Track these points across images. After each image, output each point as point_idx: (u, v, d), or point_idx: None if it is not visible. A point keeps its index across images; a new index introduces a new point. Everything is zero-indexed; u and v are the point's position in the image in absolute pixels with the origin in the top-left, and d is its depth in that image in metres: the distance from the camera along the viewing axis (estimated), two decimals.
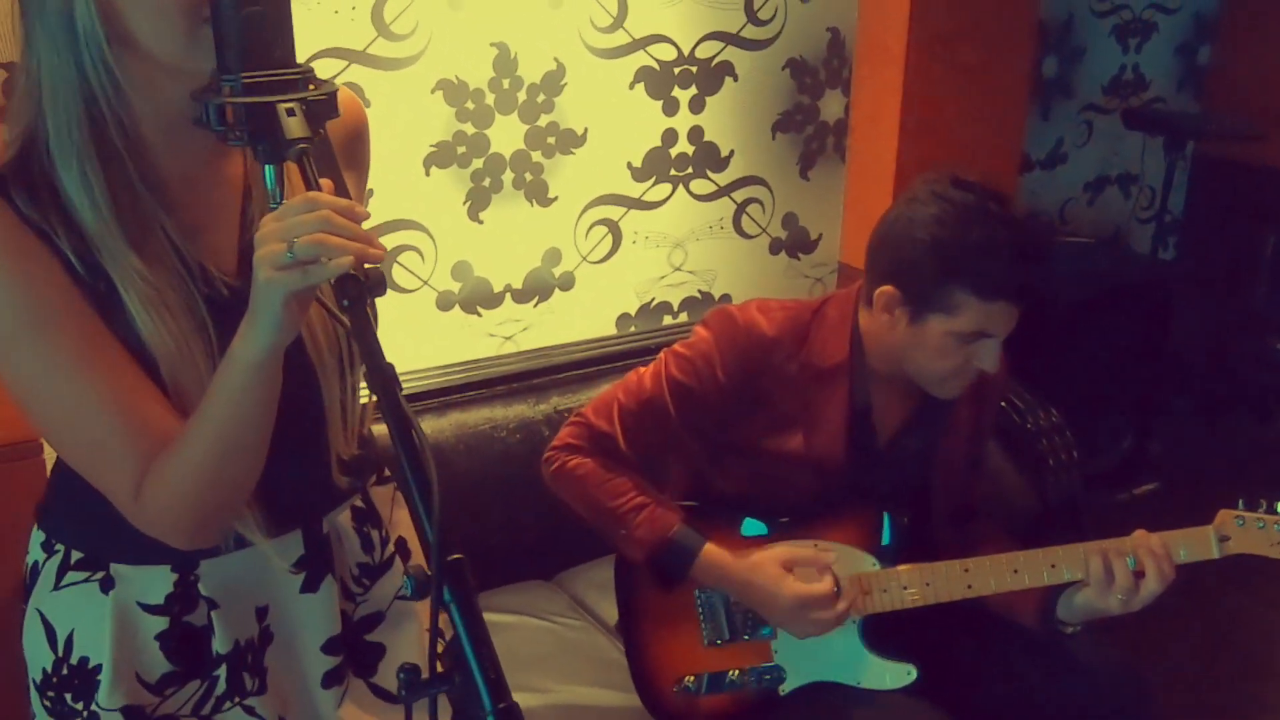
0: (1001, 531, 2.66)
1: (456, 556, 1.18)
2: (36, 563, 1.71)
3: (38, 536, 1.73)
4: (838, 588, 2.39)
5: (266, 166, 1.38)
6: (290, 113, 1.35)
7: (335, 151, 1.70)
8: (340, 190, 1.48)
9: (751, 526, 2.51)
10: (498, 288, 3.30)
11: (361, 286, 1.28)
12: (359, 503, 1.81)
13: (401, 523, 1.89)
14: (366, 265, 1.30)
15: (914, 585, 2.42)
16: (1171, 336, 4.63)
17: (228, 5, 1.33)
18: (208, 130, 1.37)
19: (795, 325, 2.47)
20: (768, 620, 2.44)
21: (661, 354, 2.52)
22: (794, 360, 2.45)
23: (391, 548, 1.87)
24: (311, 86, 1.40)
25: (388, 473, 1.90)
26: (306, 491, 1.71)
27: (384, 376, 1.26)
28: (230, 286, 1.56)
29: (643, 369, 2.53)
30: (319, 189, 1.34)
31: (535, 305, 3.36)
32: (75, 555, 1.67)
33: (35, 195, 1.45)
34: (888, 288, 2.35)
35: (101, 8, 1.40)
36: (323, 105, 1.40)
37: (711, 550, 2.41)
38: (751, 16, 3.48)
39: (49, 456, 2.50)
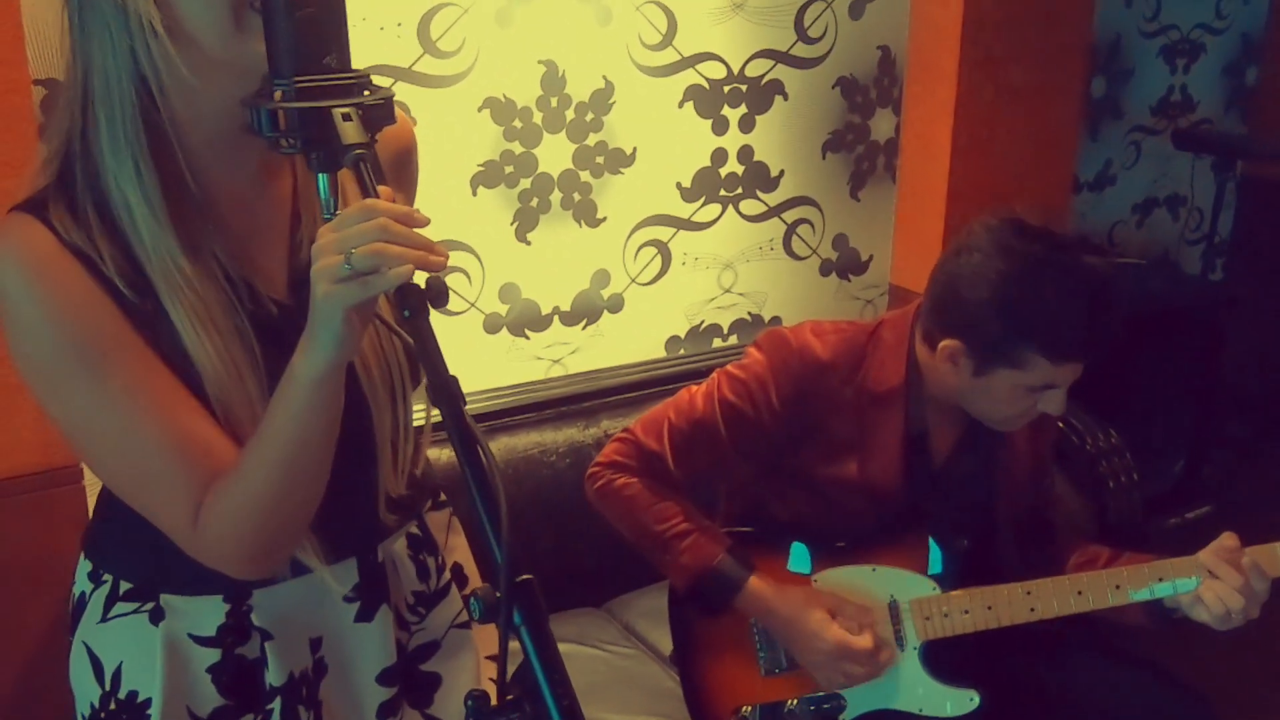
0: (1088, 542, 2.56)
1: (526, 577, 1.11)
2: (83, 593, 1.63)
3: (84, 566, 1.64)
4: (879, 644, 2.31)
5: (320, 176, 1.29)
6: (346, 118, 1.26)
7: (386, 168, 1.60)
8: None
9: (799, 560, 2.41)
10: (546, 310, 3.18)
11: (423, 296, 1.20)
12: (415, 529, 1.72)
13: (457, 549, 1.81)
14: (428, 275, 1.22)
15: (975, 609, 2.33)
16: (1223, 359, 4.48)
17: (280, 8, 1.24)
18: (258, 137, 1.29)
19: (850, 348, 2.37)
20: (800, 661, 2.34)
21: (714, 374, 2.42)
22: (849, 385, 2.35)
23: (447, 575, 1.77)
24: (367, 92, 1.30)
25: (443, 497, 1.80)
26: (355, 525, 1.62)
27: (447, 390, 1.19)
28: (279, 304, 1.48)
29: (694, 388, 2.43)
30: (376, 196, 1.25)
31: (584, 328, 3.23)
32: (124, 585, 1.59)
33: (78, 215, 1.38)
34: (951, 342, 2.24)
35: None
36: (379, 110, 1.31)
37: (756, 583, 2.31)
38: (802, 34, 3.35)
39: (90, 484, 2.40)
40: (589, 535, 2.79)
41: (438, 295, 1.21)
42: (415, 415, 1.60)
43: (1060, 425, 3.14)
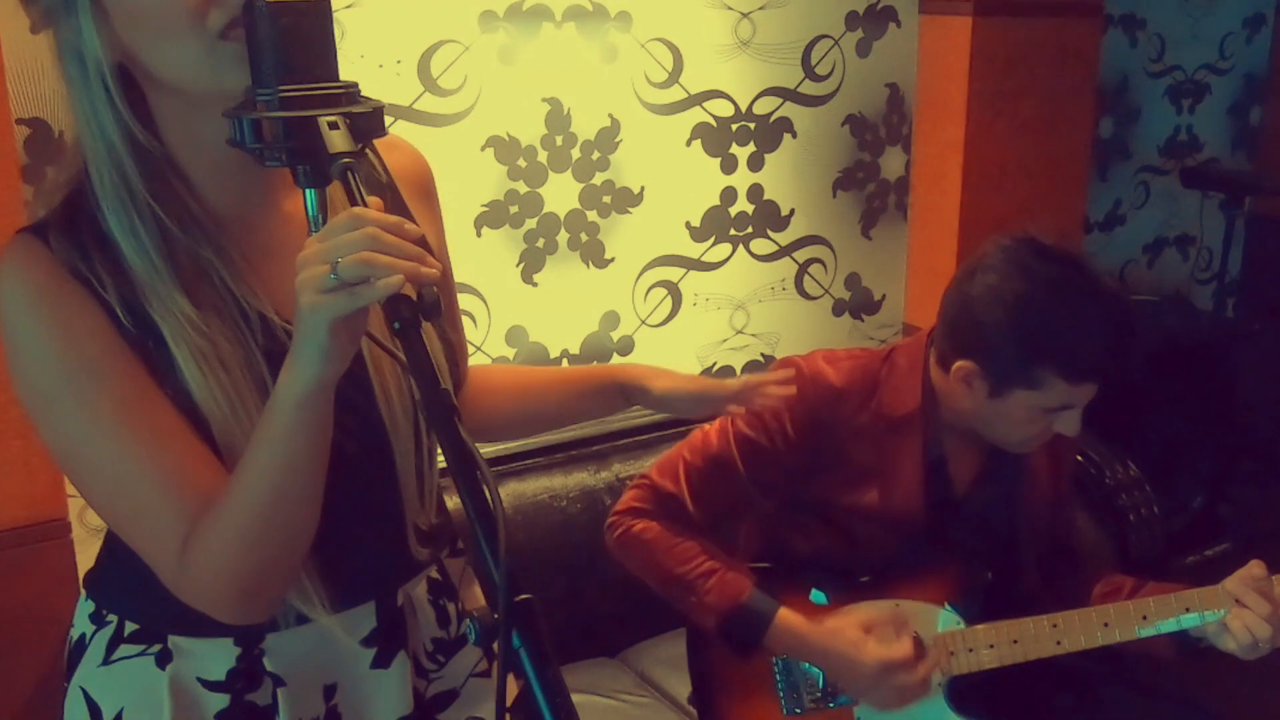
0: (1111, 571, 2.43)
1: (525, 597, 1.03)
2: (83, 635, 1.51)
3: (85, 607, 1.53)
4: (920, 648, 2.18)
5: (307, 191, 1.20)
6: (333, 126, 1.17)
7: (408, 205, 1.52)
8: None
9: (819, 600, 2.28)
10: (554, 353, 3.01)
11: (415, 308, 1.10)
12: (435, 574, 1.62)
13: (473, 599, 1.69)
14: (420, 287, 1.12)
15: (1001, 643, 2.20)
16: (1238, 396, 4.32)
17: (263, 16, 1.16)
18: (242, 149, 1.19)
19: (864, 375, 2.26)
20: (849, 693, 2.21)
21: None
22: (864, 411, 2.24)
23: (466, 626, 1.58)
24: (356, 102, 1.21)
25: (460, 544, 1.69)
26: (380, 562, 1.52)
27: (441, 405, 1.10)
28: (291, 335, 1.31)
29: (708, 426, 2.29)
30: (365, 206, 1.15)
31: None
32: (130, 627, 1.48)
33: (80, 242, 1.31)
34: (966, 363, 2.13)
35: (113, 48, 1.26)
36: (368, 120, 1.21)
37: (786, 616, 2.17)
38: (809, 72, 3.20)
39: (79, 538, 2.26)
40: (602, 582, 2.67)
41: (430, 307, 1.11)
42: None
43: (1079, 458, 3.07)
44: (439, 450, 1.45)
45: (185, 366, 1.30)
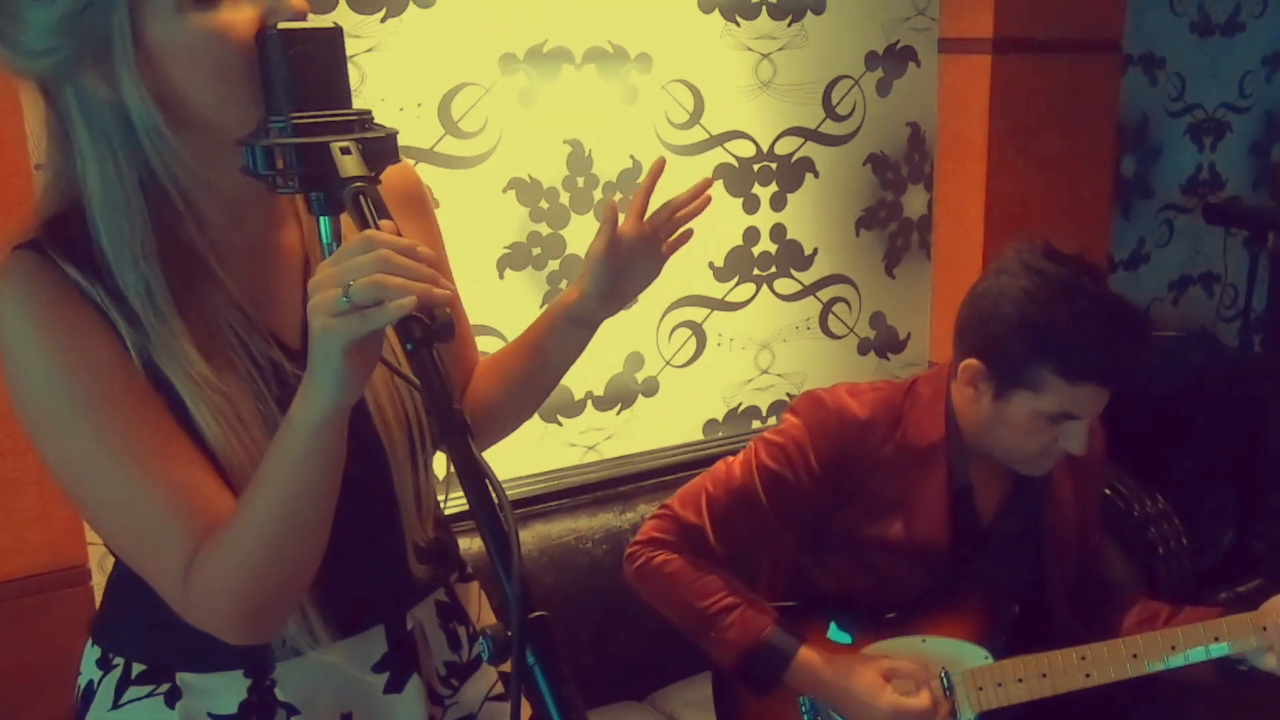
0: (1145, 599, 2.39)
1: (539, 614, 1.00)
2: (91, 682, 1.46)
3: (92, 654, 1.48)
4: (943, 700, 2.14)
5: (321, 219, 1.18)
6: (345, 151, 1.15)
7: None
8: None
9: (843, 637, 2.24)
10: (579, 395, 2.92)
11: (428, 329, 1.07)
12: (443, 597, 1.57)
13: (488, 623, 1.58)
14: (433, 308, 1.09)
15: (1029, 677, 2.15)
16: (1266, 431, 4.19)
17: (275, 44, 1.16)
18: (254, 177, 1.17)
19: (888, 406, 2.22)
20: None
21: (751, 442, 2.25)
22: (889, 442, 2.19)
23: (480, 646, 1.51)
24: (368, 127, 1.20)
25: (470, 570, 1.65)
26: (383, 584, 1.48)
27: (454, 424, 1.08)
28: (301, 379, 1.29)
29: (731, 458, 2.26)
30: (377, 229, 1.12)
31: (618, 413, 2.98)
32: (137, 668, 1.43)
33: (82, 267, 1.25)
34: (973, 361, 2.11)
35: (156, 93, 1.20)
36: (381, 145, 1.19)
37: (807, 654, 2.12)
38: (830, 112, 3.14)
39: (98, 585, 2.17)
40: (628, 624, 2.60)
41: (443, 329, 1.08)
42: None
43: (1107, 491, 3.04)
44: (441, 465, 1.41)
45: (205, 424, 1.26)
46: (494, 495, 1.04)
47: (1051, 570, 2.32)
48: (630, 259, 1.60)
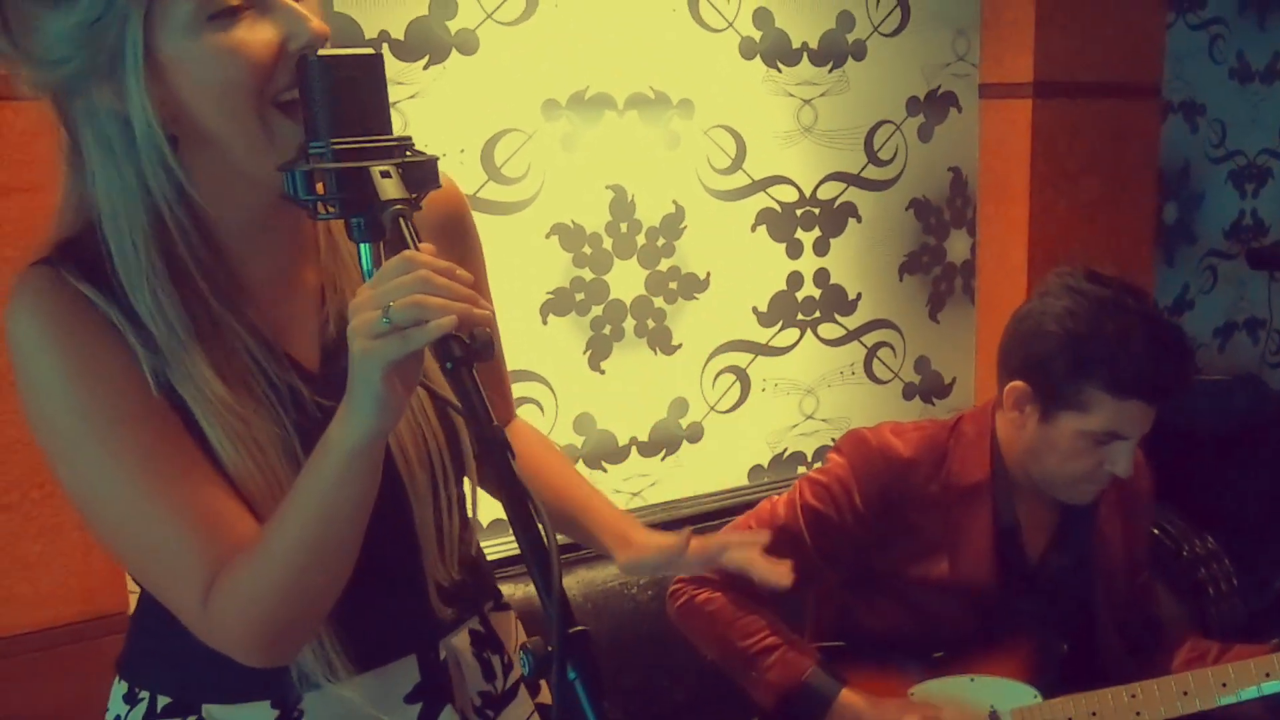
0: (1196, 636, 2.36)
1: (579, 629, 0.99)
2: (118, 717, 1.42)
3: (119, 689, 1.43)
4: None
5: (362, 245, 1.15)
6: (385, 175, 1.13)
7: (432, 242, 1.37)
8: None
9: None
10: (623, 441, 2.85)
11: (467, 349, 1.06)
12: (477, 626, 1.51)
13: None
14: (472, 328, 1.07)
15: (1079, 716, 2.09)
16: None
17: (316, 70, 1.14)
18: (294, 203, 1.15)
19: (932, 445, 2.18)
20: None
21: (796, 482, 2.21)
22: (933, 481, 2.15)
23: (516, 675, 1.53)
24: (408, 153, 1.17)
25: (504, 599, 1.60)
26: (404, 621, 1.42)
27: (493, 444, 1.06)
28: (320, 406, 1.29)
29: (776, 497, 2.22)
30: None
31: (663, 459, 2.90)
32: (162, 701, 1.38)
33: (99, 286, 1.21)
34: (1018, 384, 2.08)
35: (163, 109, 1.17)
36: (421, 170, 1.17)
37: (849, 696, 2.07)
38: (872, 157, 3.07)
39: None
40: (674, 670, 2.51)
41: (483, 348, 1.07)
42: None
43: (1156, 531, 2.97)
44: (468, 505, 1.43)
45: (221, 446, 1.23)
46: (534, 512, 1.02)
47: (1100, 608, 2.26)
48: (674, 566, 1.57)
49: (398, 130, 1.21)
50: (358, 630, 1.32)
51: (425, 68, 2.46)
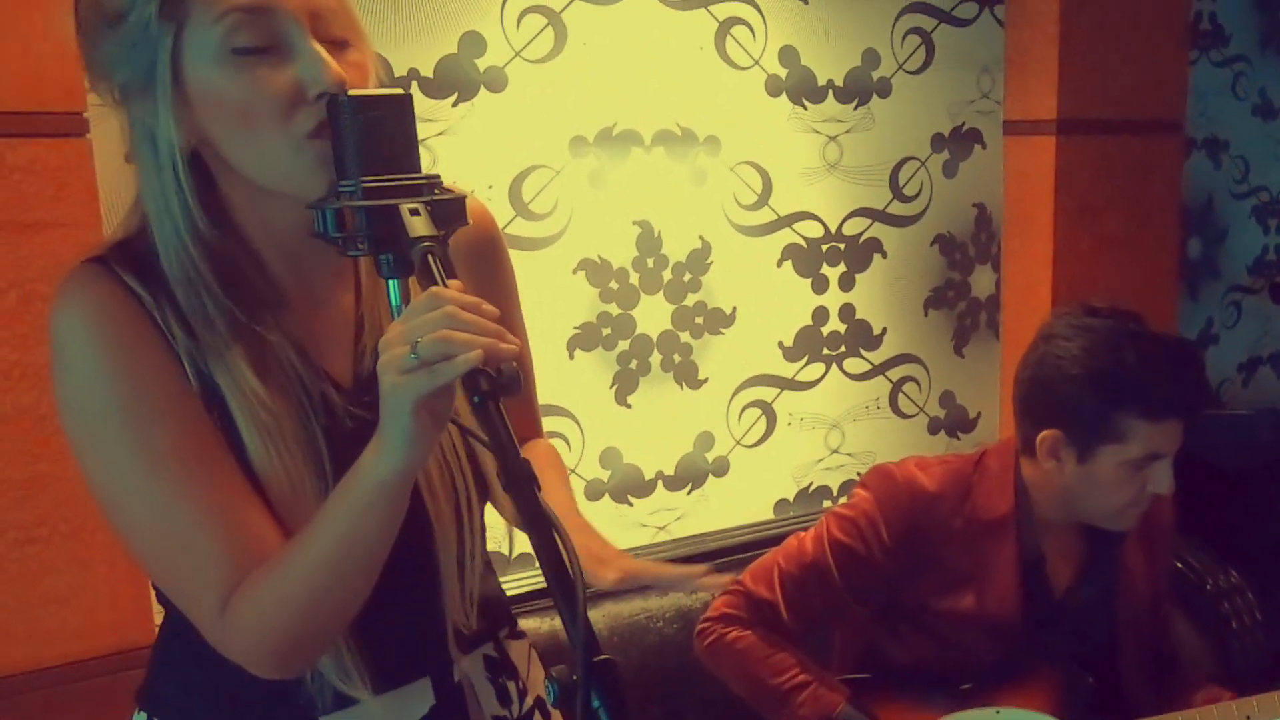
0: (1209, 679, 2.31)
1: (605, 657, 0.98)
2: None
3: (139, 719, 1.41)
4: None
5: (391, 281, 1.15)
6: (414, 212, 1.13)
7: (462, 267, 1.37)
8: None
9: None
10: (649, 475, 2.81)
11: (494, 383, 1.05)
12: (491, 652, 1.49)
13: (538, 683, 1.55)
14: (499, 363, 1.07)
15: None
16: None
17: (346, 110, 1.14)
18: (325, 240, 1.16)
19: (957, 479, 2.15)
20: None
21: (823, 517, 2.19)
22: (958, 515, 2.12)
23: (530, 702, 1.52)
24: (438, 191, 1.17)
25: (520, 628, 1.57)
26: (420, 647, 1.40)
27: (521, 475, 1.04)
28: (353, 416, 1.30)
29: (803, 533, 2.19)
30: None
31: (689, 492, 2.86)
32: None
33: (147, 285, 1.22)
34: (1050, 432, 2.05)
35: (190, 131, 1.19)
36: (450, 207, 1.17)
37: None
38: (897, 193, 3.04)
39: None
40: (699, 704, 2.46)
41: (509, 382, 1.06)
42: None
43: (1179, 565, 2.95)
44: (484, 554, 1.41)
45: (251, 443, 1.23)
46: (559, 542, 1.01)
47: (1124, 641, 2.24)
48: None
49: (426, 167, 1.21)
50: (374, 653, 1.32)
51: (454, 105, 2.45)
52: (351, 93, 1.15)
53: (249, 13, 1.16)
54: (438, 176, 1.18)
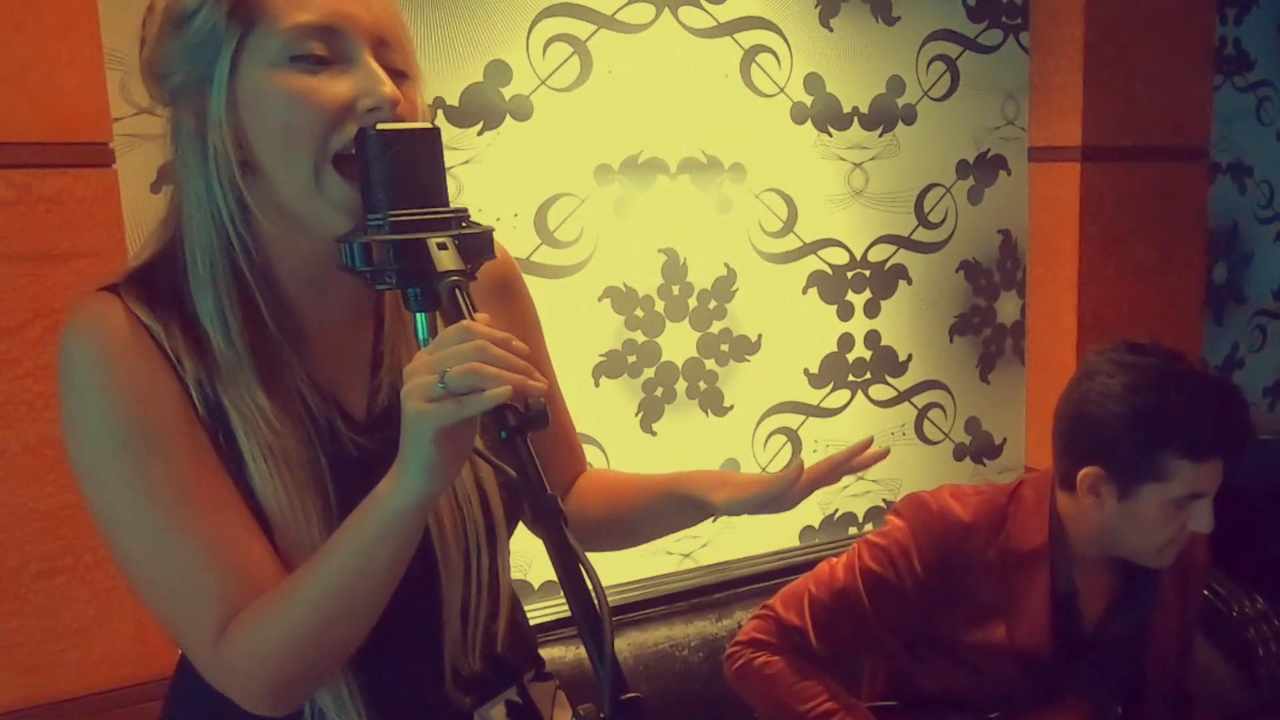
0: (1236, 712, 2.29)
1: (633, 695, 0.98)
2: None
3: None
4: None
5: (418, 315, 1.14)
6: (442, 246, 1.12)
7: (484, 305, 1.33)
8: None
9: None
10: None
11: (522, 417, 1.04)
12: (515, 697, 1.43)
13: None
14: (527, 399, 1.06)
15: None
16: None
17: (375, 144, 1.13)
18: (352, 274, 1.14)
19: (991, 510, 2.10)
20: None
21: (855, 544, 2.14)
22: (992, 546, 2.07)
23: None
24: (465, 225, 1.17)
25: (548, 669, 1.52)
26: (419, 700, 1.34)
27: (547, 510, 1.04)
28: (358, 445, 1.28)
29: (834, 560, 2.14)
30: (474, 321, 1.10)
31: (714, 520, 2.78)
32: None
33: (161, 316, 1.22)
34: (1091, 469, 1.99)
35: (234, 131, 1.18)
36: (477, 241, 1.16)
37: None
38: (922, 219, 2.99)
39: None
40: None
41: (537, 417, 1.05)
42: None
43: (1206, 593, 2.88)
44: (497, 602, 1.37)
45: (252, 460, 1.21)
46: (587, 579, 1.00)
47: (1152, 672, 2.19)
48: (779, 501, 1.44)
49: (452, 195, 1.21)
50: (375, 694, 1.28)
51: (480, 133, 2.42)
52: (380, 126, 1.14)
53: (317, 29, 1.17)
54: (465, 210, 1.17)
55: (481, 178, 2.43)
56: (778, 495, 1.40)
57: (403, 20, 1.27)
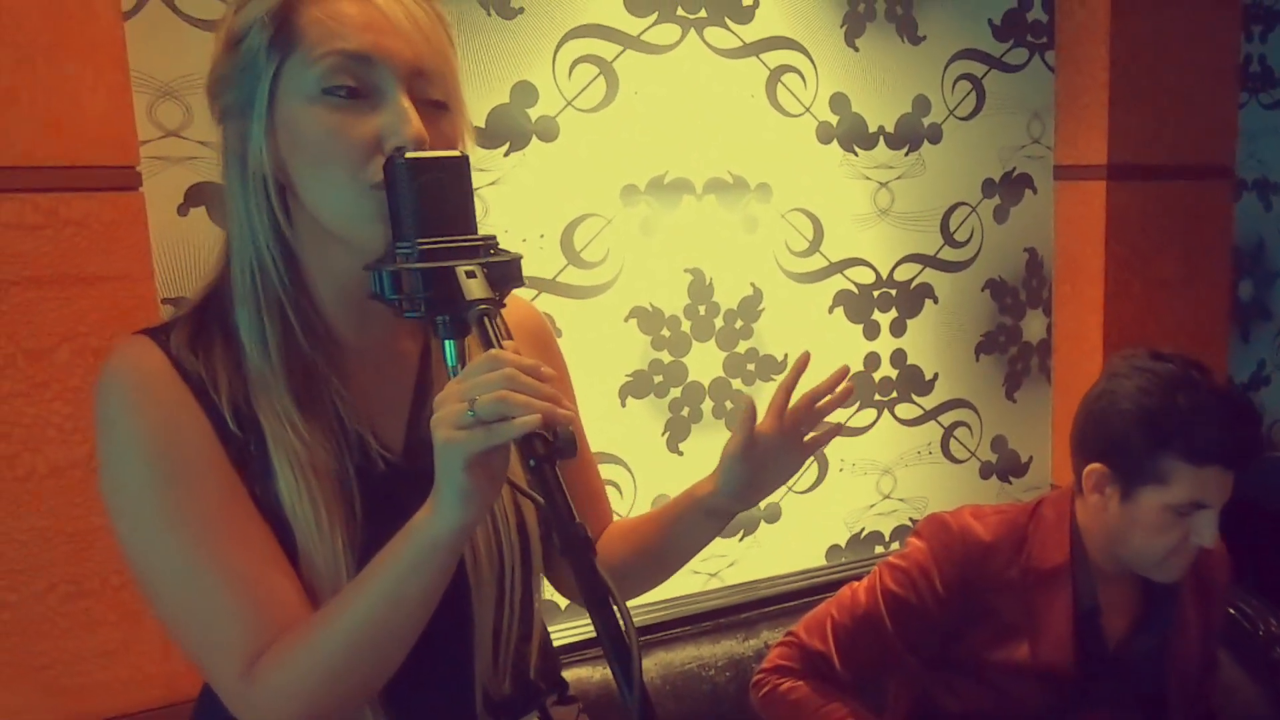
0: None
1: None
2: None
3: None
4: None
5: (447, 342, 1.13)
6: (470, 274, 1.12)
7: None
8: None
9: None
10: None
11: (551, 446, 1.03)
12: None
13: None
14: (556, 427, 1.05)
15: None
16: None
17: (403, 172, 1.13)
18: (382, 302, 1.14)
19: (1012, 529, 2.07)
20: None
21: (876, 567, 2.11)
22: (1013, 565, 2.04)
23: None
24: (493, 252, 1.16)
25: (571, 693, 1.52)
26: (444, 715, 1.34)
27: (576, 540, 1.03)
28: (388, 462, 1.28)
29: (856, 584, 2.12)
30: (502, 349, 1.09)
31: (741, 539, 2.77)
32: None
33: (204, 337, 1.24)
34: (1096, 466, 1.99)
35: (273, 155, 1.19)
36: (506, 269, 1.16)
37: None
38: (948, 238, 2.94)
39: None
40: None
41: (566, 445, 1.04)
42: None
43: (1231, 611, 2.85)
44: (530, 624, 1.38)
45: (280, 470, 1.21)
46: (615, 608, 1.00)
47: (1174, 690, 2.15)
48: (768, 456, 1.45)
49: (478, 216, 1.19)
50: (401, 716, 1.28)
51: (506, 154, 2.39)
52: (408, 155, 1.14)
53: (351, 58, 1.16)
54: (493, 237, 1.16)
55: (508, 199, 2.40)
56: (757, 446, 1.42)
57: (446, 50, 1.25)
